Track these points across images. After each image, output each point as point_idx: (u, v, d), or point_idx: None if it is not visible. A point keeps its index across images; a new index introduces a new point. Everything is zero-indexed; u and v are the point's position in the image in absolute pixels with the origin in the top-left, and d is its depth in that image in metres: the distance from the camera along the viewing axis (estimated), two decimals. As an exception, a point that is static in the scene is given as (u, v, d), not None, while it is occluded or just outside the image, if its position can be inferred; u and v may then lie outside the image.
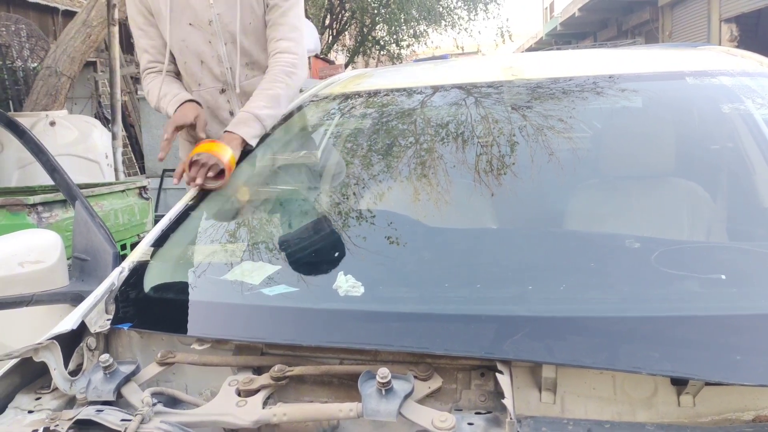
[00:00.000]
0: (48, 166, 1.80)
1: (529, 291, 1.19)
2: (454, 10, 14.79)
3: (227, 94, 2.14)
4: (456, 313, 1.12)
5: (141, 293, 1.31)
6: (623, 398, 0.97)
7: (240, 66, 2.10)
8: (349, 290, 1.18)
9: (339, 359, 1.10)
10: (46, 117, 5.77)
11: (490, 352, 1.00)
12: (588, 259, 1.29)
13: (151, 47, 2.12)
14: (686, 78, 1.71)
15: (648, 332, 1.01)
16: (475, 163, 1.59)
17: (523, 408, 0.98)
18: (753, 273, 1.20)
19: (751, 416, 0.92)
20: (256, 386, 1.04)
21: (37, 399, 1.10)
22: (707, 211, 1.54)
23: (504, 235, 1.52)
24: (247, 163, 1.77)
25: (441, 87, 1.93)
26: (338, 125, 2.00)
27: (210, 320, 1.23)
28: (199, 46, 2.07)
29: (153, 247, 1.43)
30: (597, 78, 1.78)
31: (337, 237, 1.47)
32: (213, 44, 2.07)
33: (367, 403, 0.93)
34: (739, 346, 0.97)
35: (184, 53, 2.10)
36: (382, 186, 1.65)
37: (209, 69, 2.10)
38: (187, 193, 1.65)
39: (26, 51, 8.47)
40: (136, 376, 1.12)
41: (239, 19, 2.04)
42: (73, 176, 4.76)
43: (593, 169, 1.69)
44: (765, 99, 1.62)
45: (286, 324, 1.18)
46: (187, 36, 2.06)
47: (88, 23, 6.75)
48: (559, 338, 1.01)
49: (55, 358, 1.10)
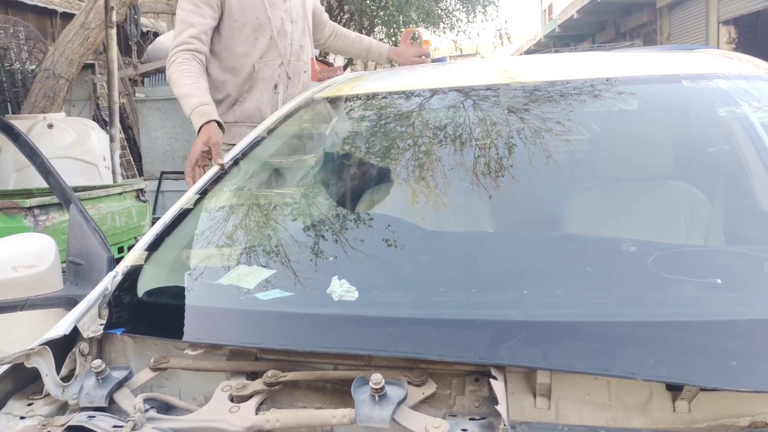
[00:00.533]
0: (42, 169, 1.80)
1: (524, 295, 1.18)
2: (453, 12, 14.79)
3: (282, 67, 2.52)
4: (450, 318, 1.12)
5: (134, 298, 1.30)
6: (618, 404, 0.96)
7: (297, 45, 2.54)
8: (343, 295, 1.18)
9: (333, 364, 1.09)
10: (43, 119, 5.76)
11: (485, 357, 0.99)
12: (584, 263, 1.29)
13: (200, 24, 2.37)
14: (682, 81, 1.71)
15: (643, 337, 1.01)
16: (470, 166, 1.59)
17: (518, 414, 0.97)
18: (749, 277, 1.20)
19: (746, 422, 0.91)
20: (249, 392, 1.03)
21: (29, 405, 1.09)
22: (704, 213, 1.53)
23: (500, 238, 1.52)
24: (242, 167, 1.76)
25: (436, 90, 1.92)
26: (333, 129, 1.99)
27: (203, 325, 1.22)
28: (274, 21, 2.45)
29: (147, 251, 1.43)
30: (593, 81, 1.78)
31: (331, 241, 1.46)
32: (283, 21, 2.48)
33: (360, 409, 0.93)
34: (735, 351, 0.97)
35: (256, 29, 2.43)
36: (377, 189, 1.64)
37: (276, 43, 2.47)
38: (182, 197, 1.65)
39: (24, 53, 8.46)
40: (129, 382, 1.11)
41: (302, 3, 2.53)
42: (70, 179, 4.77)
43: (589, 172, 1.68)
44: (761, 102, 1.61)
45: (280, 329, 1.17)
46: (262, 13, 2.42)
47: (86, 25, 6.75)
48: (553, 343, 1.00)
49: (46, 363, 1.09)
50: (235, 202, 1.65)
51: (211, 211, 1.59)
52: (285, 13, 2.47)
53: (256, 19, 2.42)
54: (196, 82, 2.28)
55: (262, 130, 1.89)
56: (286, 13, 2.48)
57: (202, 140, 2.12)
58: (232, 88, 2.51)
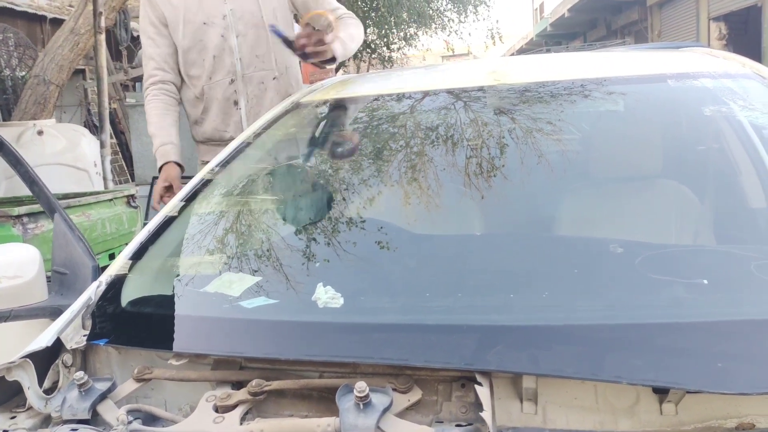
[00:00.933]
0: (26, 178, 1.78)
1: (510, 299, 1.18)
2: (444, 12, 14.81)
3: (235, 84, 2.45)
4: (436, 324, 1.11)
5: (118, 308, 1.29)
6: (605, 407, 0.96)
7: (249, 57, 2.43)
8: (328, 302, 1.17)
9: (318, 372, 1.09)
10: (33, 126, 5.74)
11: (470, 363, 0.98)
12: (571, 265, 1.28)
13: (158, 55, 2.46)
14: (668, 80, 1.70)
15: (629, 341, 1.00)
16: (459, 168, 1.58)
17: (505, 419, 0.97)
18: (736, 278, 1.19)
19: (734, 424, 0.91)
20: (233, 401, 1.02)
21: (12, 418, 1.08)
22: (693, 212, 1.53)
23: (487, 241, 1.51)
24: (228, 172, 1.75)
25: (422, 93, 1.92)
26: (321, 132, 1.98)
27: (187, 334, 1.21)
28: (213, 41, 2.40)
29: (131, 260, 1.42)
30: (579, 81, 1.78)
31: (317, 247, 1.45)
32: (225, 37, 2.41)
33: (344, 417, 0.92)
34: (721, 353, 0.96)
35: (200, 52, 2.43)
36: (362, 193, 1.64)
37: (221, 61, 2.42)
38: (165, 206, 1.64)
39: (14, 60, 8.43)
40: (113, 393, 1.10)
41: (262, 12, 2.40)
42: (61, 186, 4.74)
43: (577, 173, 1.68)
44: (746, 100, 1.61)
45: (265, 337, 1.16)
46: (202, 35, 2.40)
47: (75, 31, 6.73)
48: (539, 348, 1.00)
49: (28, 376, 1.08)
50: (219, 209, 1.64)
51: (196, 219, 1.58)
52: (225, 29, 2.41)
53: (200, 41, 2.43)
54: (160, 121, 2.46)
55: (248, 135, 1.88)
56: (227, 30, 2.41)
57: (162, 178, 2.41)
58: (193, 110, 2.59)
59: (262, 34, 2.43)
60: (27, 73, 7.80)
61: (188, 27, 2.40)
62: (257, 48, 2.44)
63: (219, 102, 2.48)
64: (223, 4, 2.39)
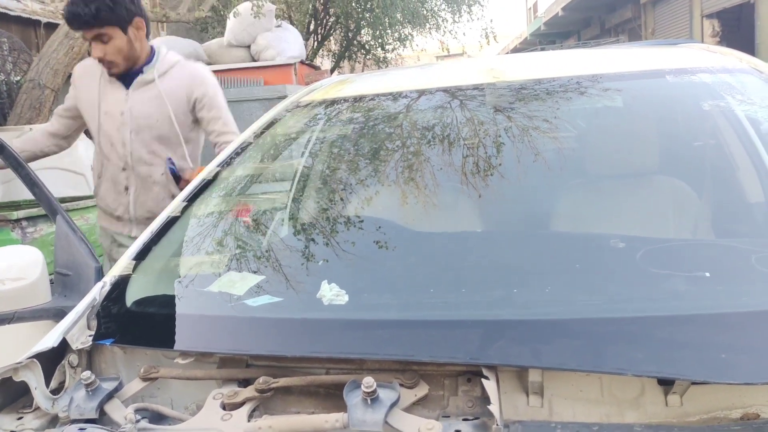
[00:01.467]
0: (27, 181, 1.78)
1: (514, 294, 1.18)
2: (439, 12, 14.79)
3: (126, 172, 2.63)
4: (441, 319, 1.11)
5: (123, 308, 1.29)
6: (611, 400, 0.96)
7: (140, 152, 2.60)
8: (333, 299, 1.17)
9: (325, 369, 1.09)
10: (29, 131, 5.71)
11: (476, 357, 0.99)
12: (573, 260, 1.29)
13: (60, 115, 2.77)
14: (666, 76, 1.71)
15: (633, 333, 1.01)
16: (457, 166, 1.59)
17: (511, 412, 0.97)
18: (737, 270, 1.20)
19: (738, 414, 0.92)
20: (241, 399, 1.03)
21: (20, 419, 1.08)
22: (692, 207, 1.54)
23: (488, 238, 1.52)
24: (229, 173, 1.75)
25: (423, 91, 1.92)
26: (320, 132, 1.99)
27: (193, 333, 1.22)
28: (110, 131, 2.60)
29: (135, 261, 1.42)
30: (577, 78, 1.78)
31: (320, 245, 1.46)
32: (120, 131, 2.59)
33: (352, 413, 0.92)
34: (725, 344, 0.97)
35: (101, 135, 2.63)
36: (363, 192, 1.64)
37: (116, 150, 2.61)
38: (169, 205, 1.64)
39: (9, 65, 8.40)
40: (120, 393, 1.10)
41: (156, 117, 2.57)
42: (58, 189, 4.71)
43: (576, 170, 1.69)
44: (744, 95, 1.62)
45: (271, 335, 1.17)
46: (103, 122, 2.61)
47: (70, 35, 6.69)
48: (544, 341, 1.00)
49: (35, 377, 1.08)
50: (221, 209, 1.64)
51: (198, 219, 1.58)
52: (122, 125, 2.58)
53: (101, 126, 2.63)
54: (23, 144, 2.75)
55: (248, 136, 1.88)
56: (123, 125, 2.58)
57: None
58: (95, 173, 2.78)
59: (155, 135, 2.60)
60: (22, 77, 7.76)
61: (93, 111, 2.63)
62: (150, 145, 2.60)
63: (113, 183, 2.67)
64: (124, 102, 2.58)
